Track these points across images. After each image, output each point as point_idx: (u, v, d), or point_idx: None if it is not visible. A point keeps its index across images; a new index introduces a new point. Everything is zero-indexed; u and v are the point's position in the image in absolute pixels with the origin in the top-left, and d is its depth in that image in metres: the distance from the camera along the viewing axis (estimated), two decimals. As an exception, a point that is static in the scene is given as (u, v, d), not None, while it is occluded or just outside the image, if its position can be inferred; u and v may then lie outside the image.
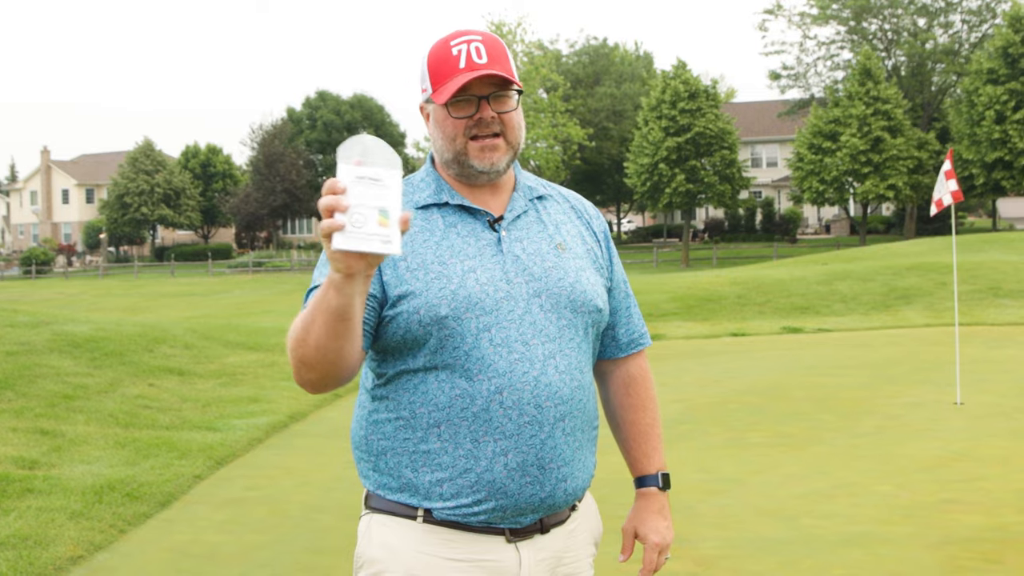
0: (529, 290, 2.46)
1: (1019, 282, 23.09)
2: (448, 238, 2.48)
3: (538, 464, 2.42)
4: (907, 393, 11.81)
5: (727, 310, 22.24)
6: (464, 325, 2.39)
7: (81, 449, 8.98)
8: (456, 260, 2.44)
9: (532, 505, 2.45)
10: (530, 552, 2.50)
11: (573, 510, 2.61)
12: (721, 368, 14.63)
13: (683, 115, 58.83)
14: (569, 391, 2.46)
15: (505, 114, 2.49)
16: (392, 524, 2.49)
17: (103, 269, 72.46)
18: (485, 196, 2.56)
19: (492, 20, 66.11)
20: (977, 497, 7.30)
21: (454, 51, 2.46)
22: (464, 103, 2.46)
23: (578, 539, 2.63)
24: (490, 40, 2.49)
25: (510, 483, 2.41)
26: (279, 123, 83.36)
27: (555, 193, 2.70)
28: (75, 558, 6.30)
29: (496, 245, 2.49)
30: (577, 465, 2.52)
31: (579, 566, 2.62)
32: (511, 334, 2.41)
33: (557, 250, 2.54)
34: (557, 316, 2.47)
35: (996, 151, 53.05)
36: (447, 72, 2.45)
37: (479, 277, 2.43)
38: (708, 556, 6.15)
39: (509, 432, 2.40)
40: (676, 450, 9.22)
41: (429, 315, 2.38)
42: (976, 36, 66.21)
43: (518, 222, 2.55)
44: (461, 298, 2.39)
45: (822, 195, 58.88)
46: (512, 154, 2.53)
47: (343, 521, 6.88)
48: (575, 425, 2.49)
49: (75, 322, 14.69)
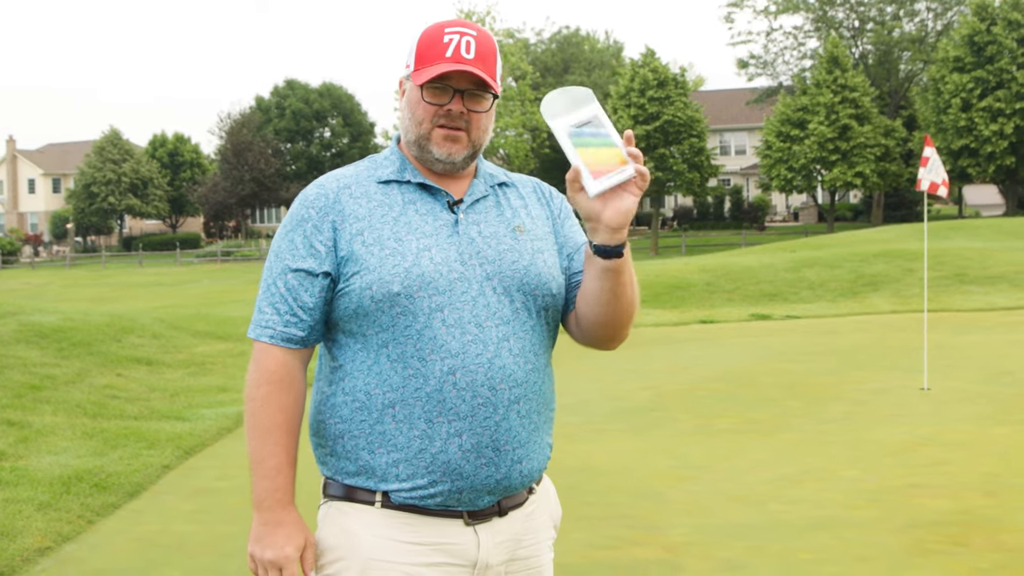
0: (483, 272, 2.47)
1: (985, 268, 23.30)
2: (406, 214, 2.49)
3: (493, 446, 2.43)
4: (874, 379, 11.90)
5: (696, 297, 22.33)
6: (416, 304, 2.40)
7: (48, 440, 8.92)
8: (412, 237, 2.45)
9: (488, 487, 2.46)
10: (489, 535, 2.50)
11: (531, 492, 2.61)
12: (690, 355, 14.69)
13: (652, 103, 58.89)
14: (524, 374, 2.47)
15: (475, 113, 2.50)
16: (350, 510, 2.50)
17: (70, 259, 71.95)
18: (446, 180, 2.57)
19: (462, 8, 66.01)
20: (943, 481, 7.36)
21: (445, 39, 2.48)
22: (440, 91, 2.48)
23: (536, 522, 2.62)
24: (483, 38, 2.50)
25: (465, 464, 2.42)
26: (247, 112, 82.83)
27: (516, 180, 2.71)
28: (43, 549, 6.26)
29: (453, 226, 2.50)
30: (532, 447, 2.52)
31: (538, 548, 2.62)
32: (464, 315, 2.42)
33: (515, 233, 2.55)
34: (510, 299, 2.48)
35: (962, 138, 53.41)
36: (433, 57, 2.47)
37: (433, 256, 2.44)
38: (677, 542, 6.18)
39: (463, 413, 2.41)
40: (645, 437, 9.26)
41: (381, 291, 2.40)
42: (942, 24, 66.59)
43: (477, 206, 2.56)
44: (414, 276, 2.41)
45: (790, 183, 59.12)
46: (472, 152, 2.54)
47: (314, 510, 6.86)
48: (530, 408, 2.50)
49: (42, 312, 14.59)
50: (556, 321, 2.63)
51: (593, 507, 6.88)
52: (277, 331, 2.48)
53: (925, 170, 11.79)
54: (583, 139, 2.26)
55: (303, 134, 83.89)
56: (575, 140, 2.26)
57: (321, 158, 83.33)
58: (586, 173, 2.24)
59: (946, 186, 11.93)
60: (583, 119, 2.27)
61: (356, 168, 2.60)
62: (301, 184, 78.53)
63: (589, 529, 6.31)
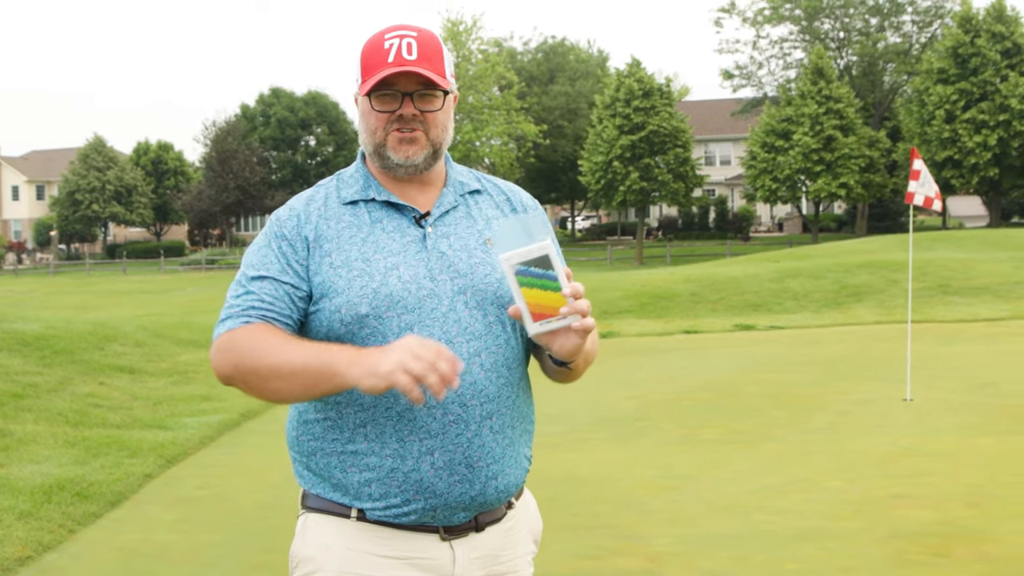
0: (454, 287, 2.44)
1: (968, 279, 23.37)
2: (373, 234, 2.46)
3: (466, 463, 2.41)
4: (858, 389, 11.92)
5: (680, 307, 22.35)
6: (386, 324, 2.38)
7: (30, 448, 8.87)
8: (380, 257, 2.43)
9: (463, 503, 2.44)
10: (464, 550, 2.48)
11: (510, 507, 2.58)
12: (675, 365, 14.70)
13: (637, 113, 58.96)
14: (495, 389, 2.44)
15: (429, 113, 2.47)
16: (326, 523, 2.49)
17: (54, 267, 71.63)
18: (412, 192, 2.54)
19: (448, 18, 66.08)
20: (925, 492, 7.38)
21: (386, 44, 2.45)
22: (388, 97, 2.46)
23: (516, 536, 2.60)
24: (425, 37, 2.47)
25: (438, 482, 2.40)
26: (232, 120, 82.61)
27: (490, 187, 2.67)
28: (23, 559, 6.23)
29: (421, 242, 2.47)
30: (508, 463, 2.49)
31: (516, 564, 2.59)
32: (434, 332, 2.39)
33: (486, 245, 2.52)
34: (483, 313, 2.45)
35: (946, 150, 53.59)
36: (375, 65, 2.45)
37: (401, 275, 2.41)
38: (661, 552, 6.17)
39: (435, 431, 2.38)
40: (629, 447, 9.26)
41: (350, 314, 2.38)
42: (926, 36, 66.89)
43: (446, 218, 2.53)
44: (382, 296, 2.38)
45: (775, 193, 59.24)
46: (432, 152, 2.50)
47: (295, 520, 6.84)
48: (504, 423, 2.47)
49: (25, 320, 14.53)
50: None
51: (577, 517, 6.87)
52: (252, 316, 2.39)
53: (917, 183, 11.77)
54: (528, 278, 2.23)
55: (288, 142, 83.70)
56: (520, 279, 2.23)
57: (306, 166, 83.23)
58: (526, 314, 2.25)
59: (939, 199, 11.96)
60: (532, 256, 2.23)
61: (325, 188, 2.57)
62: (286, 192, 78.38)
63: (573, 539, 6.29)
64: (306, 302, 2.44)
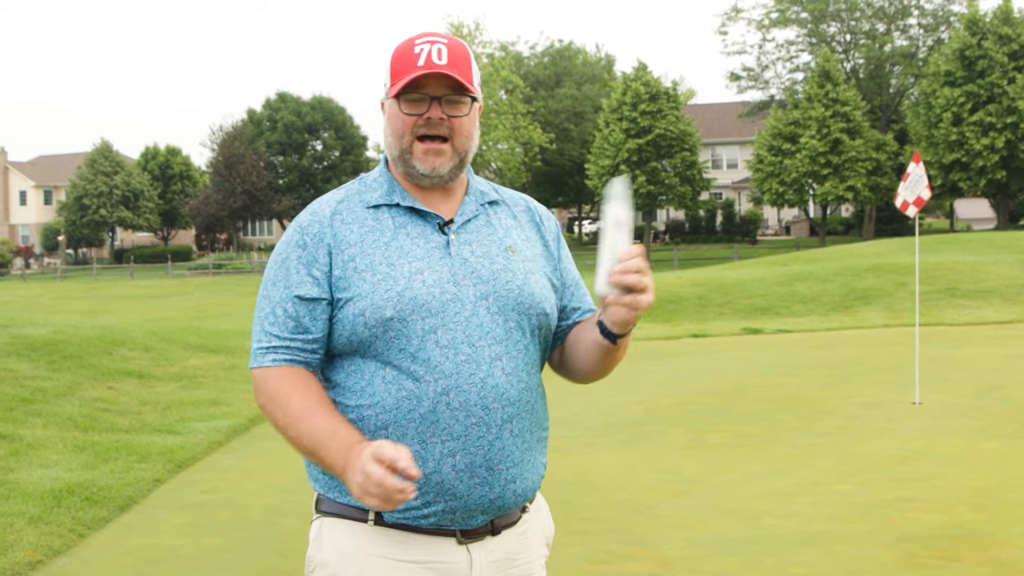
0: (476, 292, 2.46)
1: (976, 283, 23.33)
2: (397, 239, 2.48)
3: (486, 465, 2.43)
4: (866, 393, 11.91)
5: (688, 311, 22.33)
6: (410, 327, 2.40)
7: (39, 453, 8.89)
8: (404, 261, 2.45)
9: (482, 506, 2.46)
10: (481, 553, 2.50)
11: (524, 511, 2.60)
12: (682, 369, 14.69)
13: (644, 117, 59.06)
14: (516, 393, 2.46)
15: (456, 119, 2.49)
16: (343, 527, 2.50)
17: (61, 271, 71.78)
18: (436, 199, 2.56)
19: (452, 22, 66.14)
20: (934, 495, 7.37)
21: (416, 49, 2.47)
22: (416, 101, 2.48)
23: (529, 540, 2.61)
24: (455, 45, 2.50)
25: (459, 484, 2.42)
26: (239, 124, 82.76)
27: (507, 197, 2.70)
28: (34, 563, 6.24)
29: (445, 248, 2.49)
30: (526, 466, 2.52)
31: (530, 567, 2.61)
32: (457, 336, 2.41)
33: (507, 253, 2.55)
34: (504, 318, 2.47)
35: (953, 152, 53.57)
36: (405, 68, 2.47)
37: (426, 279, 2.43)
38: (670, 556, 6.17)
39: (456, 434, 2.40)
40: (638, 451, 9.26)
41: (374, 317, 2.40)
42: (933, 39, 66.84)
43: (468, 225, 2.55)
44: (407, 300, 2.40)
45: (782, 196, 59.27)
46: (458, 161, 2.53)
47: (304, 524, 6.82)
48: (523, 427, 2.49)
49: (33, 325, 14.55)
50: (548, 340, 2.63)
51: (586, 521, 6.88)
52: (280, 357, 2.47)
53: (903, 185, 11.64)
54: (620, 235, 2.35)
55: (295, 147, 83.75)
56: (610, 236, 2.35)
57: (313, 171, 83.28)
58: (603, 272, 2.33)
59: (918, 205, 11.57)
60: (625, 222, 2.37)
61: (347, 191, 2.59)
62: (293, 197, 78.53)
63: (582, 543, 6.30)
64: (329, 311, 2.47)
